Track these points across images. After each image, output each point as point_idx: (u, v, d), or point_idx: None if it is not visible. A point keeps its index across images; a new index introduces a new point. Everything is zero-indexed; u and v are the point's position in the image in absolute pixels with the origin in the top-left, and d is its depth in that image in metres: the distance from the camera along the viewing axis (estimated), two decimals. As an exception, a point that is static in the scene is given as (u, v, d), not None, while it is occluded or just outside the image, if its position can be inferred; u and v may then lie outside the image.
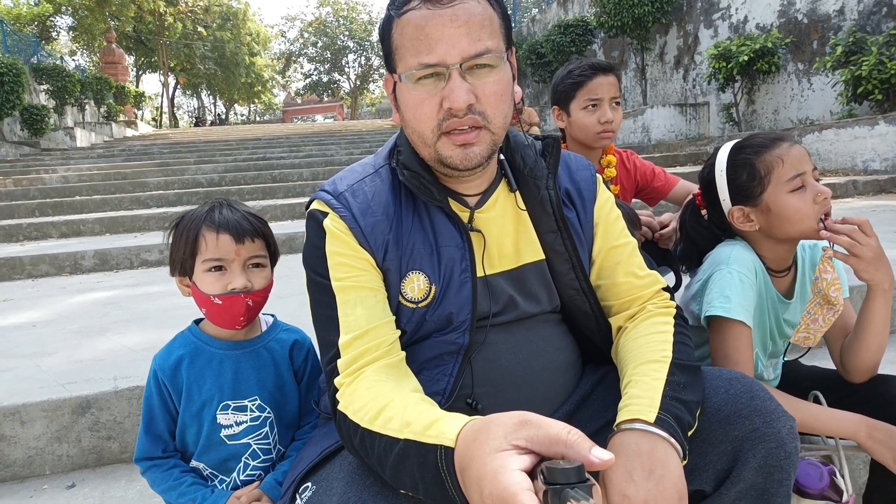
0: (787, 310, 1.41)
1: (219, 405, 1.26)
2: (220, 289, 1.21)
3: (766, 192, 1.31)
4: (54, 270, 4.63)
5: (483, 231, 1.09)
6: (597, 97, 1.92)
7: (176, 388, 1.26)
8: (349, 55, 49.21)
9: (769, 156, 1.31)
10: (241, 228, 1.21)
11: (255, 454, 1.28)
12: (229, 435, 1.27)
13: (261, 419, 1.28)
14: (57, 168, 10.30)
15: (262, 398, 1.28)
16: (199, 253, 1.21)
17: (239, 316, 1.23)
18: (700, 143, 9.69)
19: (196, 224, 1.22)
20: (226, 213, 1.23)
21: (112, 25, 28.32)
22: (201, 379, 1.26)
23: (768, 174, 1.31)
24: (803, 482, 1.19)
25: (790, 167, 1.29)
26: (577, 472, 0.63)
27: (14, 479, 1.77)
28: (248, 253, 1.22)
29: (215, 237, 1.20)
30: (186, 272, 1.24)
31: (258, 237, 1.24)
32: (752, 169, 1.32)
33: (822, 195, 1.27)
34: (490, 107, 0.98)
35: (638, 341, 1.07)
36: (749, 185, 1.33)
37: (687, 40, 11.43)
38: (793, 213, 1.29)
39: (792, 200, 1.29)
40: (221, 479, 1.29)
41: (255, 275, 1.24)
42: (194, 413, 1.26)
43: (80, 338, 2.59)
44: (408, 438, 0.83)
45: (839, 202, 5.98)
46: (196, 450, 1.28)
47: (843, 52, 7.48)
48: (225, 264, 1.21)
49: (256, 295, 1.24)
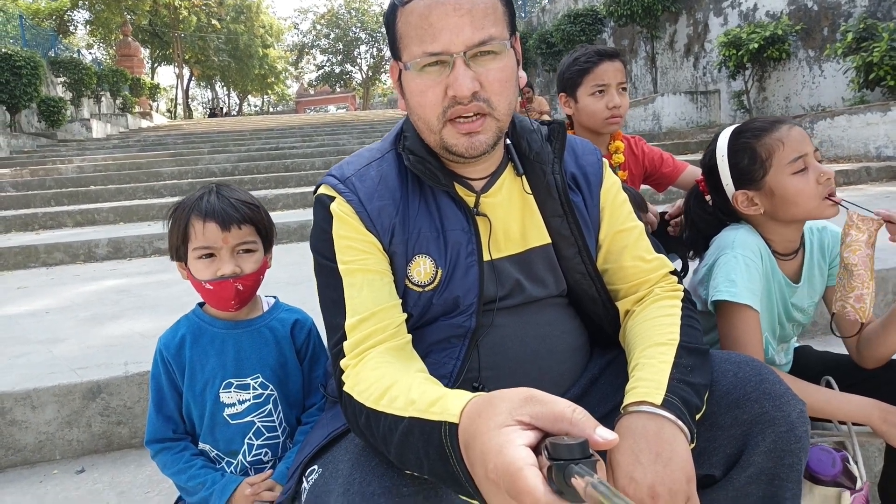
0: (795, 294, 1.40)
1: (221, 383, 1.28)
2: (210, 275, 1.23)
3: (769, 174, 1.31)
4: (68, 258, 4.67)
5: (489, 215, 1.08)
6: (604, 83, 1.92)
7: (180, 366, 1.29)
8: (361, 46, 49.25)
9: (769, 139, 1.30)
10: (227, 216, 1.23)
11: (259, 432, 1.30)
12: (232, 414, 1.28)
13: (264, 396, 1.30)
14: (73, 158, 10.40)
15: (265, 375, 1.30)
16: (189, 240, 1.24)
17: (230, 300, 1.26)
18: (711, 130, 9.59)
19: (187, 212, 1.25)
20: (213, 200, 1.25)
21: (128, 19, 28.48)
22: (204, 357, 1.29)
23: (770, 157, 1.30)
24: (815, 468, 1.17)
25: (791, 149, 1.27)
26: (582, 448, 0.63)
27: (24, 463, 1.79)
28: (236, 240, 1.24)
29: (202, 226, 1.23)
30: (181, 258, 1.28)
31: (246, 223, 1.25)
32: (754, 153, 1.32)
33: (824, 175, 1.26)
34: (495, 94, 0.98)
35: (645, 324, 1.06)
36: (751, 168, 1.32)
37: (697, 28, 11.33)
38: (796, 195, 1.28)
39: (795, 182, 1.28)
40: (228, 462, 1.30)
41: (245, 260, 1.26)
42: (198, 392, 1.29)
43: (92, 324, 2.61)
44: (412, 416, 0.83)
45: (852, 188, 5.90)
46: (201, 430, 1.30)
47: (854, 39, 7.39)
48: (214, 251, 1.24)
49: (246, 279, 1.26)
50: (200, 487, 1.23)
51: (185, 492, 1.27)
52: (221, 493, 1.21)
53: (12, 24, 16.03)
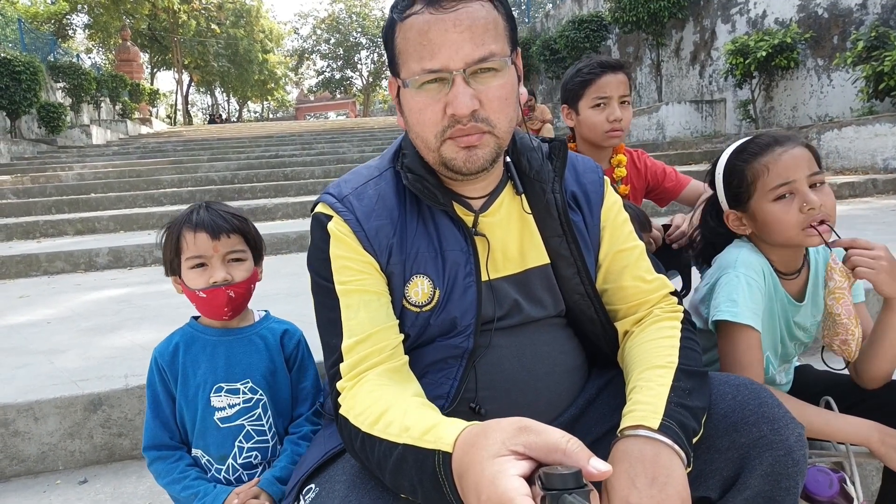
0: (798, 313, 1.39)
1: (212, 388, 1.33)
2: (203, 283, 1.30)
3: (753, 199, 1.32)
4: (69, 267, 4.68)
5: (487, 235, 1.08)
6: (605, 95, 1.91)
7: (173, 372, 1.35)
8: (362, 52, 49.29)
9: (757, 163, 1.30)
10: (216, 226, 1.30)
11: (249, 435, 1.34)
12: (222, 417, 1.33)
13: (253, 401, 1.35)
14: (73, 165, 10.40)
15: (255, 381, 1.35)
16: (182, 252, 1.31)
17: (223, 307, 1.32)
18: (716, 140, 9.54)
19: (178, 227, 1.33)
20: (203, 213, 1.32)
21: (127, 23, 28.45)
22: (196, 363, 1.35)
23: (754, 181, 1.31)
24: (812, 489, 1.18)
25: (775, 175, 1.28)
26: (575, 478, 0.63)
27: (28, 473, 1.80)
28: (226, 248, 1.31)
29: (193, 236, 1.30)
30: (175, 271, 1.35)
31: (235, 233, 1.32)
32: (742, 175, 1.33)
33: (808, 205, 1.25)
34: (494, 112, 0.97)
35: (644, 346, 1.06)
36: (738, 190, 1.34)
37: (703, 35, 11.27)
38: (774, 222, 1.29)
39: (774, 209, 1.29)
40: (218, 469, 1.34)
41: (235, 268, 1.33)
42: (190, 397, 1.34)
43: (93, 335, 2.62)
44: (406, 443, 0.83)
45: (859, 201, 5.87)
46: (194, 435, 1.35)
47: (864, 48, 7.31)
48: (206, 260, 1.30)
49: (238, 287, 1.32)
50: (193, 498, 1.26)
51: (179, 502, 1.31)
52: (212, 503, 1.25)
53: (11, 27, 16.03)
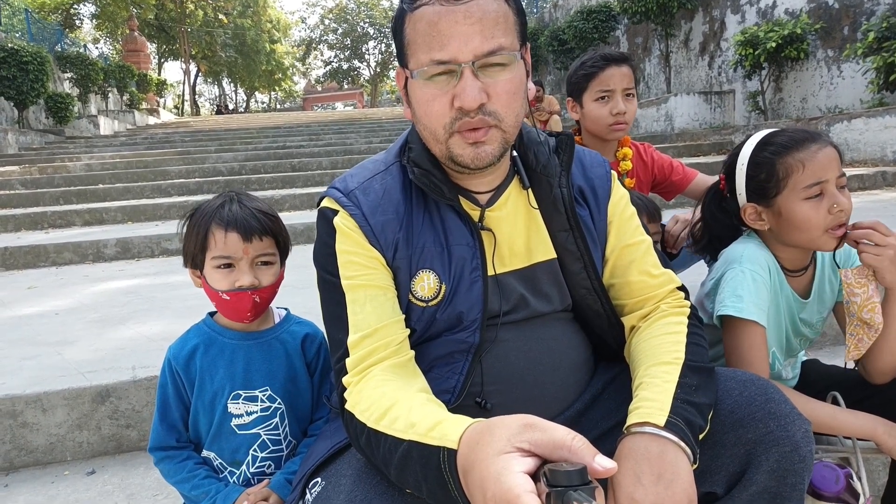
0: (804, 309, 1.39)
1: (230, 394, 1.28)
2: (228, 285, 1.22)
3: (781, 195, 1.27)
4: (77, 258, 4.71)
5: (494, 229, 1.08)
6: (609, 88, 1.90)
7: (189, 377, 1.29)
8: (369, 42, 48.98)
9: (791, 158, 1.25)
10: (249, 227, 1.22)
11: (265, 445, 1.30)
12: (239, 424, 1.28)
13: (271, 409, 1.30)
14: (81, 156, 10.44)
15: (273, 389, 1.30)
16: (208, 249, 1.23)
17: (246, 311, 1.25)
18: (725, 132, 9.46)
19: (207, 220, 1.23)
20: (235, 209, 1.23)
21: (134, 13, 28.46)
22: (213, 368, 1.28)
23: (786, 177, 1.26)
24: (818, 485, 1.18)
25: (811, 174, 1.23)
26: (580, 475, 0.63)
27: (36, 464, 1.82)
28: (256, 251, 1.23)
29: (224, 235, 1.21)
30: (197, 266, 1.26)
31: (267, 235, 1.25)
32: (772, 169, 1.27)
33: (838, 207, 1.22)
34: (502, 106, 0.96)
35: (650, 342, 1.06)
36: (766, 185, 1.29)
37: (713, 26, 11.16)
38: (802, 221, 1.25)
39: (804, 208, 1.24)
40: (231, 472, 1.31)
41: (263, 272, 1.25)
42: (206, 402, 1.29)
43: (101, 327, 2.64)
44: (412, 440, 0.83)
45: (867, 194, 5.81)
46: (207, 439, 1.30)
47: (875, 39, 7.20)
48: (233, 262, 1.23)
49: (264, 291, 1.25)
50: (204, 496, 1.24)
51: (189, 500, 1.28)
52: (223, 502, 1.22)
53: (18, 17, 16.05)
